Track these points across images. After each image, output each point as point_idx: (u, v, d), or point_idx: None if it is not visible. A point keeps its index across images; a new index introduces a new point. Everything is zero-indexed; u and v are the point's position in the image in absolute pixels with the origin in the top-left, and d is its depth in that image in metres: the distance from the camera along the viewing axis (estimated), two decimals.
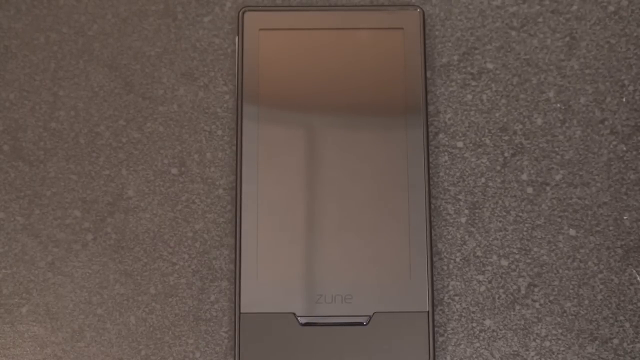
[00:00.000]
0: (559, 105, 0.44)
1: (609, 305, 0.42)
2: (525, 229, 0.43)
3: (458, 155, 0.44)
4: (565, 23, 0.45)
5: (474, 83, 0.45)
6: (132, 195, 0.44)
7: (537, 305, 0.43)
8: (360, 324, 0.41)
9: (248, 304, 0.41)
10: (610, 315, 0.42)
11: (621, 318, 0.42)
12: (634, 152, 0.44)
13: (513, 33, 0.45)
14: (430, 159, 0.44)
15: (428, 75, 0.45)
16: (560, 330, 0.42)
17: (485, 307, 0.43)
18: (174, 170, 0.44)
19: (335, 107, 0.43)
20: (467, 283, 0.43)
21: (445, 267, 0.43)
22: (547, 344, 0.42)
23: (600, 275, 0.43)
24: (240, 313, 0.41)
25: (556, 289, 0.43)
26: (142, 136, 0.44)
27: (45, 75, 0.45)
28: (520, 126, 0.44)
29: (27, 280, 0.43)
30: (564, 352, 0.42)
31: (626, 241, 0.43)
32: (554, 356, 0.42)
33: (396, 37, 0.44)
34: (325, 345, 0.41)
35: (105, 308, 0.43)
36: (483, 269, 0.43)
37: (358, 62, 0.44)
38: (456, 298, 0.43)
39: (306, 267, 0.42)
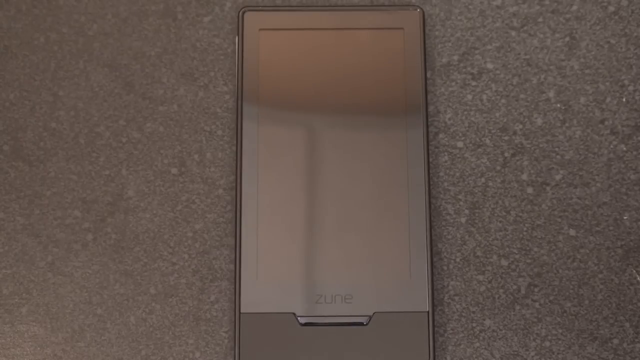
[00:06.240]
0: (559, 105, 0.44)
1: (609, 305, 0.42)
2: (525, 229, 0.43)
3: (458, 155, 0.44)
4: (565, 23, 0.45)
5: (474, 83, 0.45)
6: (132, 195, 0.44)
7: (537, 305, 0.43)
8: (360, 324, 0.41)
9: (248, 304, 0.41)
10: (610, 315, 0.42)
11: (621, 318, 0.42)
12: (634, 152, 0.44)
13: (513, 33, 0.45)
14: (430, 159, 0.44)
15: (428, 75, 0.45)
16: (560, 330, 0.42)
17: (485, 307, 0.43)
18: (174, 170, 0.44)
19: (335, 107, 0.43)
20: (467, 283, 0.43)
21: (445, 267, 0.43)
22: (547, 344, 0.42)
23: (600, 275, 0.43)
24: (240, 313, 0.41)
25: (556, 289, 0.43)
26: (142, 136, 0.44)
27: (45, 75, 0.45)
28: (520, 126, 0.44)
29: (27, 280, 0.43)
30: (564, 352, 0.42)
31: (626, 241, 0.43)
32: (554, 356, 0.42)
33: (396, 37, 0.44)
34: (325, 345, 0.41)
35: (105, 308, 0.43)
36: (483, 269, 0.43)
37: (358, 62, 0.44)
38: (456, 298, 0.43)
39: (306, 267, 0.42)
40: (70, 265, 0.43)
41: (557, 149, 0.44)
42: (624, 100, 0.44)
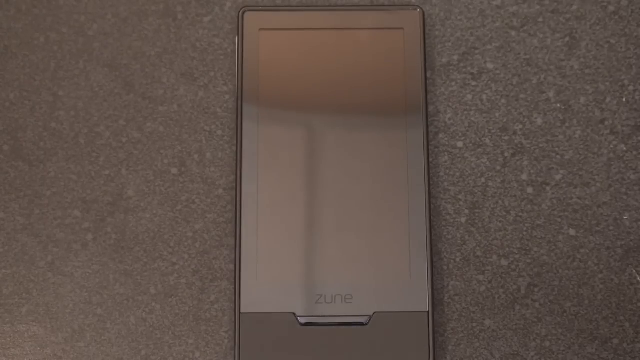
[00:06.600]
0: (559, 105, 0.44)
1: (609, 305, 0.42)
2: (525, 229, 0.43)
3: (458, 155, 0.44)
4: (565, 23, 0.45)
5: (474, 83, 0.45)
6: (132, 195, 0.44)
7: (537, 305, 0.43)
8: (361, 324, 0.41)
9: (248, 304, 0.41)
10: (610, 315, 0.42)
11: (621, 318, 0.42)
12: (634, 152, 0.44)
13: (513, 33, 0.45)
14: (430, 159, 0.44)
15: (428, 75, 0.45)
16: (560, 330, 0.42)
17: (485, 307, 0.43)
18: (174, 170, 0.44)
19: (335, 107, 0.43)
20: (467, 283, 0.43)
21: (445, 267, 0.43)
22: (547, 344, 0.42)
23: (600, 275, 0.43)
24: (240, 313, 0.41)
25: (556, 289, 0.43)
26: (142, 136, 0.44)
27: (45, 75, 0.45)
28: (520, 126, 0.44)
29: (27, 280, 0.43)
30: (564, 352, 0.42)
31: (626, 241, 0.43)
32: (554, 356, 0.42)
33: (396, 37, 0.44)
34: (325, 345, 0.41)
35: (105, 308, 0.43)
36: (483, 269, 0.43)
37: (358, 62, 0.44)
38: (456, 298, 0.43)
39: (306, 267, 0.42)
40: (70, 265, 0.43)
41: (557, 149, 0.44)
42: (624, 100, 0.44)
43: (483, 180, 0.44)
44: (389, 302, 0.41)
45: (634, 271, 0.43)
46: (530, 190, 0.44)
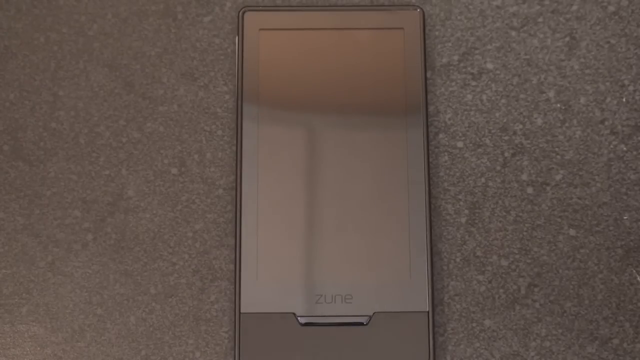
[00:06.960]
0: (559, 105, 0.44)
1: (609, 305, 0.42)
2: (525, 229, 0.43)
3: (458, 155, 0.44)
4: (565, 23, 0.45)
5: (474, 83, 0.45)
6: (132, 195, 0.44)
7: (537, 305, 0.43)
8: (361, 324, 0.41)
9: (248, 304, 0.41)
10: (610, 315, 0.42)
11: (621, 318, 0.42)
12: (634, 152, 0.44)
13: (513, 33, 0.45)
14: (430, 159, 0.44)
15: (428, 75, 0.45)
16: (560, 330, 0.42)
17: (485, 307, 0.43)
18: (174, 170, 0.44)
19: (335, 107, 0.43)
20: (467, 283, 0.43)
21: (445, 267, 0.43)
22: (547, 344, 0.42)
23: (600, 275, 0.43)
24: (240, 313, 0.41)
25: (556, 289, 0.43)
26: (142, 136, 0.44)
27: (45, 75, 0.45)
28: (520, 126, 0.44)
29: (27, 280, 0.43)
30: (564, 352, 0.42)
31: (626, 241, 0.43)
32: (554, 356, 0.42)
33: (396, 37, 0.44)
34: (325, 345, 0.41)
35: (105, 308, 0.43)
36: (483, 269, 0.43)
37: (358, 62, 0.44)
38: (456, 298, 0.43)
39: (306, 267, 0.42)
40: (70, 265, 0.43)
41: (557, 149, 0.44)
42: (624, 100, 0.44)
43: (483, 180, 0.44)
44: (389, 302, 0.41)
45: (634, 271, 0.43)
46: (530, 190, 0.44)
